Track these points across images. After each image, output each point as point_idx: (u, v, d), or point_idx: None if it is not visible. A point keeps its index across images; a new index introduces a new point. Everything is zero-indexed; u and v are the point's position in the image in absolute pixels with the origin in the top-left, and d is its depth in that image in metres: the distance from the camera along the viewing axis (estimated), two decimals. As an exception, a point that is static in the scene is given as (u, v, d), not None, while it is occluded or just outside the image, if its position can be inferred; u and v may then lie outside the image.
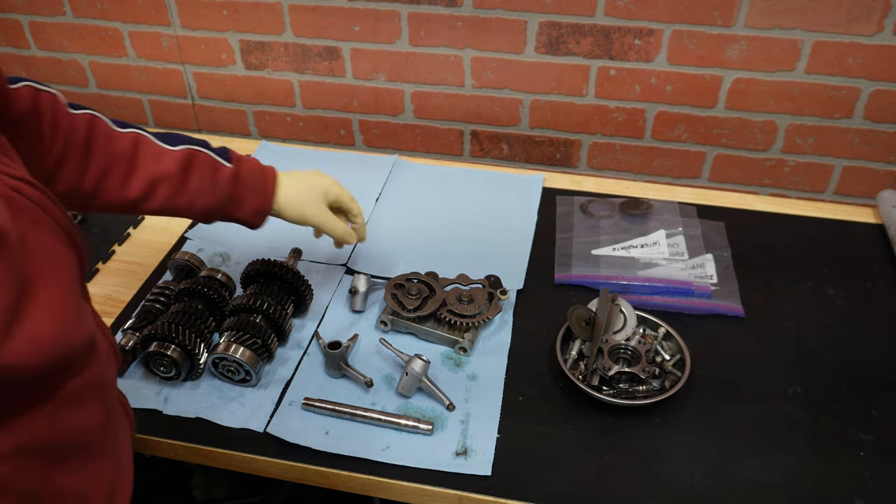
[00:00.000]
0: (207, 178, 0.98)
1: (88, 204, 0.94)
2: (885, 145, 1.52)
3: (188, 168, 0.96)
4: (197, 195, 0.97)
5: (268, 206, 1.04)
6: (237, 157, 1.03)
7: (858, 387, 1.07)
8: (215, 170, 0.99)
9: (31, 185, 0.61)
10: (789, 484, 0.95)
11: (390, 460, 0.98)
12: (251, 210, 1.03)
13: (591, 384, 1.05)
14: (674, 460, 0.98)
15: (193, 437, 1.02)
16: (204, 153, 0.99)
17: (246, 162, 1.03)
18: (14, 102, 0.82)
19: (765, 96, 1.51)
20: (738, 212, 1.41)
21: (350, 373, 1.08)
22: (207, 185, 0.98)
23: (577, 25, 1.49)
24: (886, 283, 1.25)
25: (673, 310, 1.19)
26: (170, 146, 0.97)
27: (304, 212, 1.06)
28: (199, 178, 0.97)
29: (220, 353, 1.04)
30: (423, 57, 1.61)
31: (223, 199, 1.00)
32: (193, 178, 0.97)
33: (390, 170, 1.53)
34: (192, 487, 1.55)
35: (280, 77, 1.72)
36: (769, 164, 1.61)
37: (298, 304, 1.17)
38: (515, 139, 1.70)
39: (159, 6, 1.66)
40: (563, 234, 1.36)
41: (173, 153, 0.96)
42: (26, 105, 0.85)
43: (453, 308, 1.13)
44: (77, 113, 0.92)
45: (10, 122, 0.81)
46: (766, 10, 1.40)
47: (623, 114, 1.60)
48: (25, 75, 1.96)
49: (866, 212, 1.41)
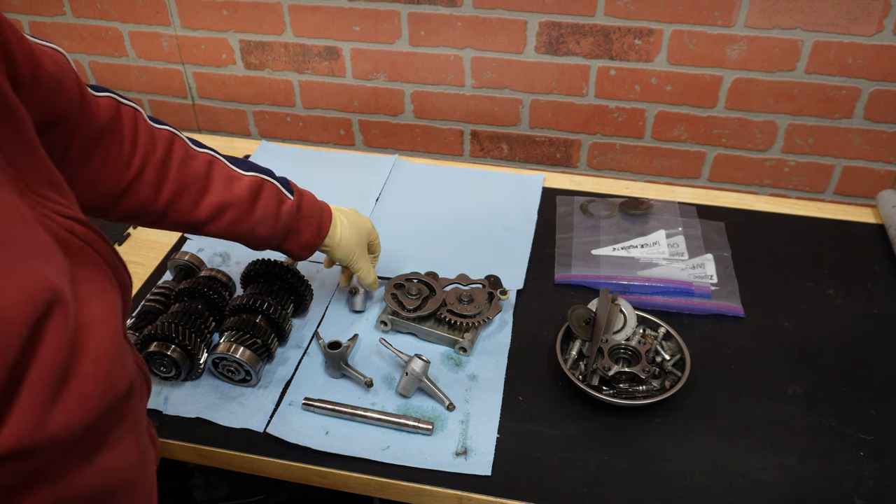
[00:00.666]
0: (273, 207, 0.99)
1: (157, 221, 0.93)
2: (885, 145, 1.53)
3: (256, 196, 0.97)
4: (259, 223, 0.98)
5: (320, 241, 1.06)
6: (298, 191, 1.04)
7: (858, 387, 1.07)
8: (280, 201, 1.00)
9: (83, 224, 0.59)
10: (789, 484, 0.95)
11: (390, 460, 0.98)
12: (304, 244, 1.05)
13: (591, 384, 1.05)
14: (674, 460, 0.98)
15: (193, 437, 1.02)
16: (271, 183, 1.00)
17: (307, 196, 1.05)
18: (95, 113, 0.81)
19: (765, 96, 1.51)
20: (738, 212, 1.41)
21: (350, 373, 1.08)
22: (272, 214, 0.99)
23: (577, 25, 1.49)
24: (886, 283, 1.25)
25: (673, 310, 1.19)
26: (241, 171, 0.98)
27: (352, 253, 1.09)
28: (264, 207, 0.98)
29: (220, 353, 1.04)
30: (423, 57, 1.61)
31: (282, 230, 1.01)
32: (259, 207, 0.97)
33: (390, 170, 1.53)
34: (192, 487, 1.55)
35: (280, 77, 1.72)
36: (769, 164, 1.61)
37: (298, 304, 1.17)
38: (515, 139, 1.70)
39: (159, 6, 1.66)
40: (563, 234, 1.36)
41: (244, 179, 0.97)
42: (107, 117, 0.83)
43: (453, 308, 1.13)
44: (158, 128, 0.91)
45: (90, 132, 0.81)
46: (766, 10, 1.40)
47: (623, 114, 1.60)
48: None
49: (866, 212, 1.41)
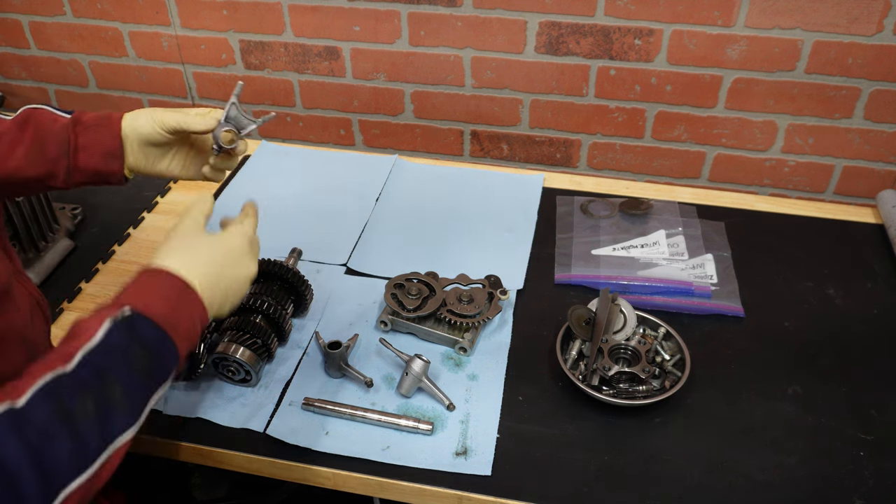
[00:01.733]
0: (45, 127, 0.92)
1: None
2: (885, 145, 1.53)
3: (25, 123, 0.92)
4: (36, 146, 0.91)
5: (117, 145, 0.93)
6: (82, 112, 0.96)
7: (858, 387, 1.07)
8: (53, 120, 0.93)
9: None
10: (789, 484, 0.95)
11: (390, 460, 0.98)
12: (101, 153, 0.93)
13: (591, 384, 1.05)
14: (674, 460, 0.98)
15: (193, 437, 1.02)
16: (43, 109, 0.94)
17: (91, 113, 0.96)
18: None
19: (765, 96, 1.51)
20: (738, 212, 1.41)
21: (350, 373, 1.08)
22: (48, 133, 0.92)
23: (577, 25, 1.49)
24: (886, 283, 1.25)
25: (673, 310, 1.19)
26: None
27: (153, 116, 0.94)
28: (35, 129, 0.92)
29: (220, 353, 1.04)
30: (423, 57, 1.61)
31: (67, 146, 0.92)
32: (29, 130, 0.91)
33: (390, 170, 1.53)
34: (192, 487, 1.55)
35: (280, 77, 1.72)
36: (769, 164, 1.61)
37: (298, 304, 1.17)
38: (515, 139, 1.70)
39: (159, 6, 1.66)
40: (563, 234, 1.36)
41: (15, 115, 0.93)
42: None
43: (453, 308, 1.13)
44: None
45: None
46: (766, 10, 1.40)
47: (623, 114, 1.60)
48: (25, 75, 1.97)
49: (866, 212, 1.41)
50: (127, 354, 0.69)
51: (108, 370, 0.67)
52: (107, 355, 0.68)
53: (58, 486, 0.62)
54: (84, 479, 0.64)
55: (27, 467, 0.59)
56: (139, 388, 0.70)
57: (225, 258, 0.83)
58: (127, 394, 0.68)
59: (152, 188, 1.48)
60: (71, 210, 1.40)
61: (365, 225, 1.39)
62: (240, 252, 0.86)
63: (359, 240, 1.35)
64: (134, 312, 0.72)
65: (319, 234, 1.36)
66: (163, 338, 0.73)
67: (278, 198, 1.44)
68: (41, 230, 1.29)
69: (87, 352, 0.67)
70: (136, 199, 1.46)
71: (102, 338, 0.68)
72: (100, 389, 0.66)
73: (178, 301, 0.76)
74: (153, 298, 0.74)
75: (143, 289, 0.75)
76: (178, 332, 0.74)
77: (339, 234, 1.36)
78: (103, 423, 0.66)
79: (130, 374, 0.69)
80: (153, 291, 0.75)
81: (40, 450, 0.61)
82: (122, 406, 0.67)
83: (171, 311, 0.74)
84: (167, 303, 0.75)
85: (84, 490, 0.64)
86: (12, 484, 0.58)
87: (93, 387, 0.66)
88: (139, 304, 0.72)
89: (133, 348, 0.70)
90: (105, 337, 0.69)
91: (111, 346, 0.69)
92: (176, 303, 0.76)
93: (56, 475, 0.62)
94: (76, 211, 1.40)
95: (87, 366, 0.66)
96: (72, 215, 1.39)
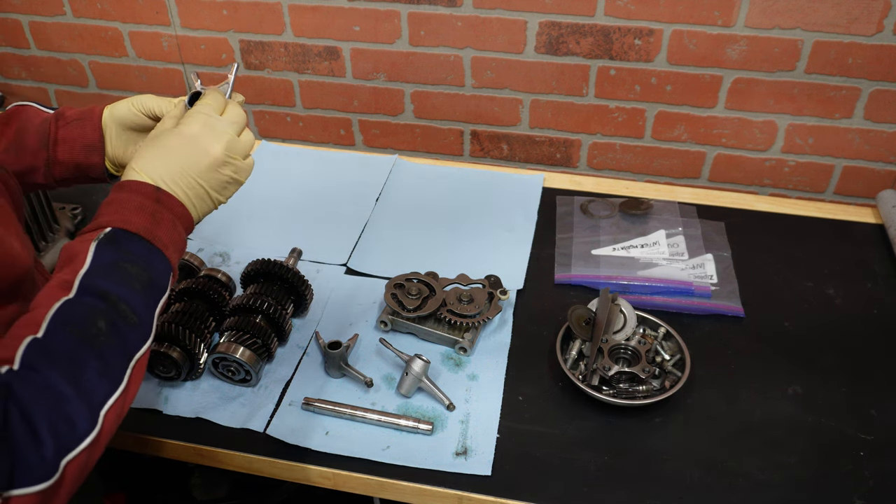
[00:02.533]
0: (30, 121, 0.93)
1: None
2: (885, 145, 1.52)
3: (10, 118, 0.93)
4: (20, 139, 0.92)
5: (97, 138, 0.92)
6: (67, 107, 0.95)
7: (858, 387, 1.07)
8: (37, 115, 0.94)
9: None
10: (789, 484, 0.95)
11: (390, 460, 0.98)
12: (80, 146, 0.92)
13: (591, 384, 1.05)
14: (674, 460, 0.98)
15: (193, 437, 1.02)
16: (28, 105, 0.95)
17: (74, 108, 0.95)
18: None
19: (765, 96, 1.51)
20: (738, 212, 1.41)
21: (350, 373, 1.08)
22: (31, 127, 0.92)
23: (577, 25, 1.49)
24: (886, 283, 1.25)
25: (673, 310, 1.19)
26: None
27: (132, 101, 0.92)
28: (19, 123, 0.92)
29: (220, 353, 1.04)
30: (423, 57, 1.61)
31: (48, 139, 0.92)
32: (13, 125, 0.92)
33: (390, 170, 1.53)
34: (192, 487, 1.55)
35: (280, 77, 1.72)
36: (769, 164, 1.61)
37: (298, 304, 1.17)
38: (515, 139, 1.70)
39: (159, 6, 1.66)
40: (563, 234, 1.36)
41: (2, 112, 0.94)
42: None
43: (453, 308, 1.13)
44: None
45: None
46: (766, 10, 1.40)
47: (623, 114, 1.60)
48: (25, 75, 1.97)
49: (866, 212, 1.41)
50: (120, 271, 0.71)
51: (109, 289, 0.69)
52: (103, 276, 0.70)
53: (97, 403, 0.65)
54: (118, 395, 0.67)
55: (69, 389, 0.62)
56: (142, 300, 0.71)
57: (182, 148, 0.79)
58: (133, 308, 0.70)
59: (152, 188, 1.48)
60: (71, 210, 1.40)
61: (365, 225, 1.39)
62: (194, 137, 0.79)
63: (359, 240, 1.35)
64: (115, 230, 0.73)
65: (319, 234, 1.36)
66: (148, 248, 0.74)
67: (278, 198, 1.44)
68: (41, 230, 1.29)
69: (84, 275, 0.69)
70: (136, 199, 1.46)
71: (92, 260, 0.70)
72: (107, 309, 0.68)
73: (155, 208, 0.75)
74: (128, 212, 0.74)
75: (118, 205, 0.75)
76: (161, 239, 0.75)
77: (339, 234, 1.36)
78: (119, 339, 0.68)
79: (130, 288, 0.70)
80: (127, 205, 0.75)
81: (73, 372, 0.63)
82: (131, 320, 0.70)
83: (150, 219, 0.74)
84: (143, 213, 0.74)
85: (120, 404, 0.68)
86: (61, 407, 0.62)
87: (100, 308, 0.68)
88: (117, 221, 0.73)
89: (124, 264, 0.71)
90: (95, 259, 0.70)
91: (104, 266, 0.70)
92: (152, 210, 0.75)
93: (93, 393, 0.65)
94: (76, 211, 1.40)
95: (88, 289, 0.68)
96: (72, 215, 1.39)
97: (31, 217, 1.26)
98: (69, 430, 0.62)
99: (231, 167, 0.81)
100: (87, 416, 0.64)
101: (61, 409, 0.62)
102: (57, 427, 0.61)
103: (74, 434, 0.62)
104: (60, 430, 0.61)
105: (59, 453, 0.61)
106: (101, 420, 0.65)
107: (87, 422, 0.64)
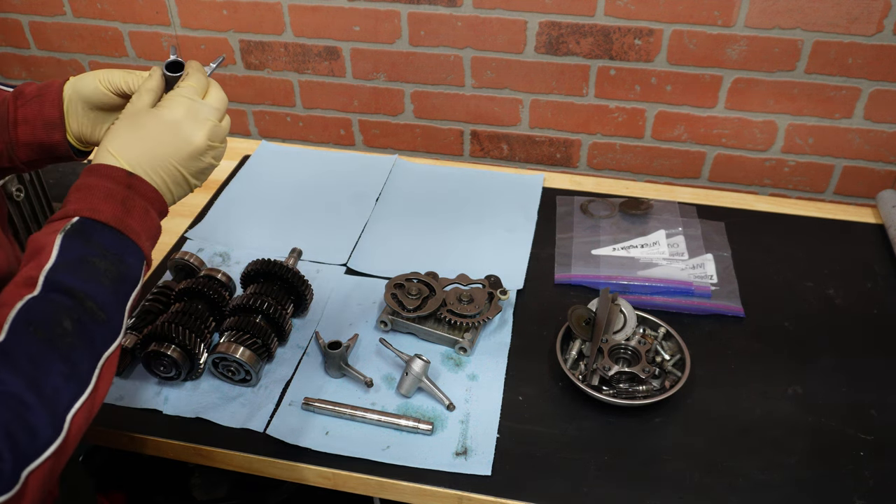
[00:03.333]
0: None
1: None
2: (885, 145, 1.53)
3: None
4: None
5: (57, 114, 0.84)
6: (26, 83, 0.88)
7: (858, 387, 1.07)
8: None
9: None
10: (789, 484, 0.95)
11: (390, 460, 0.98)
12: (41, 124, 0.84)
13: (591, 384, 1.05)
14: (674, 460, 0.98)
15: (193, 437, 1.02)
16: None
17: (33, 84, 0.88)
18: None
19: (765, 96, 1.51)
20: (738, 212, 1.41)
21: (350, 373, 1.08)
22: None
23: (577, 25, 1.49)
24: (886, 283, 1.25)
25: (673, 310, 1.19)
26: None
27: (98, 76, 0.84)
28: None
29: (220, 353, 1.04)
30: (423, 57, 1.61)
31: (3, 121, 0.84)
32: None
33: (390, 170, 1.53)
34: (192, 487, 1.55)
35: (280, 77, 1.72)
36: (769, 164, 1.61)
37: (298, 304, 1.17)
38: (515, 139, 1.70)
39: (159, 6, 1.66)
40: (563, 234, 1.36)
41: None
42: None
43: (453, 308, 1.13)
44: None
45: None
46: (766, 10, 1.40)
47: (623, 114, 1.60)
48: (25, 75, 1.97)
49: (866, 212, 1.41)
50: (88, 266, 0.67)
51: (75, 286, 0.65)
52: (69, 272, 0.66)
53: (62, 409, 0.61)
54: (85, 397, 0.63)
55: (30, 396, 0.59)
56: (111, 296, 0.67)
57: (163, 135, 0.74)
58: (100, 305, 0.66)
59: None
60: (71, 210, 1.40)
61: (365, 225, 1.39)
62: (176, 122, 0.75)
63: (359, 240, 1.35)
64: (83, 219, 0.68)
65: (319, 234, 1.36)
66: (119, 238, 0.69)
67: (278, 198, 1.44)
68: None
69: (48, 271, 0.65)
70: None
71: (58, 254, 0.66)
72: (73, 307, 0.64)
73: (125, 194, 0.71)
74: (97, 200, 0.70)
75: (86, 192, 0.70)
76: (133, 228, 0.71)
77: (339, 234, 1.36)
78: (86, 339, 0.64)
79: (98, 284, 0.67)
80: (97, 192, 0.70)
81: (35, 377, 0.60)
82: (99, 318, 0.66)
83: (120, 208, 0.70)
84: (113, 200, 0.70)
85: (88, 407, 0.64)
86: (20, 416, 0.58)
87: (66, 306, 0.64)
88: (85, 209, 0.69)
89: (92, 258, 0.67)
90: (60, 252, 0.66)
91: (70, 261, 0.66)
92: (123, 197, 0.71)
93: (57, 398, 0.61)
94: (76, 211, 1.40)
95: (53, 286, 0.64)
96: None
97: (32, 217, 1.26)
98: (30, 439, 0.58)
99: (212, 153, 0.78)
100: (49, 423, 0.60)
101: (21, 418, 0.58)
102: (16, 438, 0.57)
103: (36, 443, 0.59)
104: (20, 440, 0.57)
105: (20, 465, 0.57)
106: (66, 425, 0.61)
107: (51, 429, 0.60)
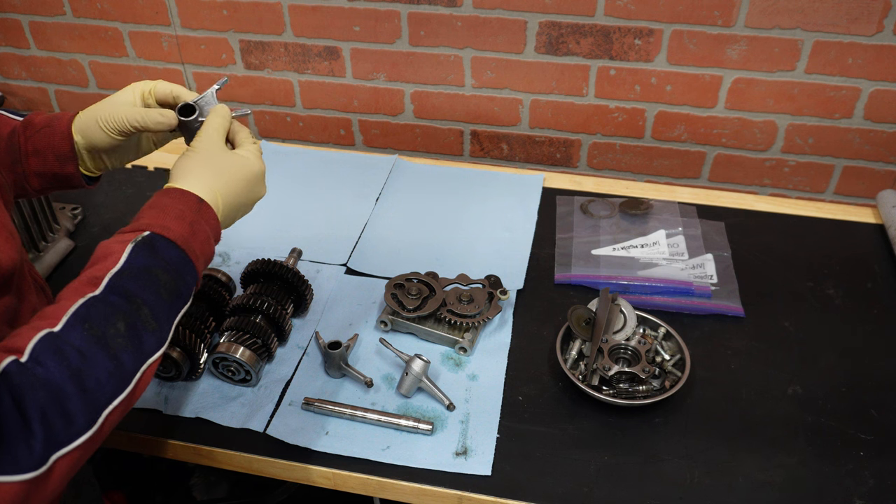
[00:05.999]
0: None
1: None
2: (885, 145, 1.52)
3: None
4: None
5: (67, 148, 0.88)
6: (36, 113, 0.92)
7: (858, 387, 1.07)
8: (5, 125, 0.91)
9: None
10: (789, 484, 0.95)
11: (390, 460, 0.98)
12: (53, 156, 0.89)
13: (591, 384, 1.05)
14: (674, 460, 0.98)
15: (193, 437, 1.02)
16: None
17: (44, 114, 0.92)
18: None
19: (765, 96, 1.51)
20: (738, 212, 1.41)
21: (350, 373, 1.08)
22: (1, 143, 0.89)
23: (577, 25, 1.49)
24: (886, 283, 1.25)
25: (673, 310, 1.19)
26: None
27: (99, 120, 0.87)
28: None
29: (220, 353, 1.04)
30: (423, 57, 1.61)
31: (17, 151, 0.89)
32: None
33: (390, 170, 1.53)
34: (191, 487, 1.55)
35: (280, 77, 1.72)
36: (769, 164, 1.61)
37: (298, 304, 1.17)
38: (515, 139, 1.70)
39: (159, 6, 1.66)
40: (563, 234, 1.36)
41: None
42: None
43: (453, 308, 1.13)
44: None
45: None
46: (766, 10, 1.40)
47: (623, 114, 1.60)
48: (25, 75, 1.97)
49: (866, 212, 1.41)
50: (151, 276, 0.72)
51: (135, 292, 0.70)
52: (132, 278, 0.71)
53: (100, 404, 0.65)
54: (123, 397, 0.68)
55: (71, 386, 0.63)
56: (165, 308, 0.73)
57: (248, 181, 0.85)
58: (154, 314, 0.71)
59: (153, 188, 1.48)
60: (71, 210, 1.40)
61: (365, 225, 1.39)
62: (259, 175, 0.87)
63: (359, 240, 1.35)
64: (153, 234, 0.74)
65: (319, 234, 1.36)
66: (182, 257, 0.76)
67: (278, 198, 1.44)
68: (41, 230, 1.29)
69: (114, 275, 0.70)
70: (136, 198, 1.46)
71: (126, 261, 0.71)
72: (129, 311, 0.69)
73: (194, 218, 0.78)
74: (169, 219, 0.76)
75: (160, 210, 0.77)
76: (195, 250, 0.77)
77: (339, 234, 1.36)
78: (136, 342, 0.69)
79: (156, 294, 0.72)
80: (169, 211, 0.77)
81: (81, 370, 0.64)
82: (150, 326, 0.71)
83: (188, 229, 0.77)
84: (183, 221, 0.77)
85: (123, 406, 0.68)
86: (59, 403, 0.62)
87: (122, 309, 0.69)
88: (157, 225, 0.75)
89: (155, 270, 0.73)
90: (128, 260, 0.72)
91: (135, 269, 0.72)
92: (192, 220, 0.77)
93: (98, 394, 0.65)
94: (76, 211, 1.40)
95: (115, 289, 0.70)
96: (72, 215, 1.39)
97: (32, 217, 1.26)
98: (65, 425, 0.62)
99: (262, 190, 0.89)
100: (87, 415, 0.64)
101: (59, 404, 0.62)
102: (51, 421, 0.61)
103: (69, 430, 0.62)
104: (55, 424, 0.61)
105: (51, 447, 0.61)
106: (101, 420, 0.65)
107: (86, 420, 0.64)
